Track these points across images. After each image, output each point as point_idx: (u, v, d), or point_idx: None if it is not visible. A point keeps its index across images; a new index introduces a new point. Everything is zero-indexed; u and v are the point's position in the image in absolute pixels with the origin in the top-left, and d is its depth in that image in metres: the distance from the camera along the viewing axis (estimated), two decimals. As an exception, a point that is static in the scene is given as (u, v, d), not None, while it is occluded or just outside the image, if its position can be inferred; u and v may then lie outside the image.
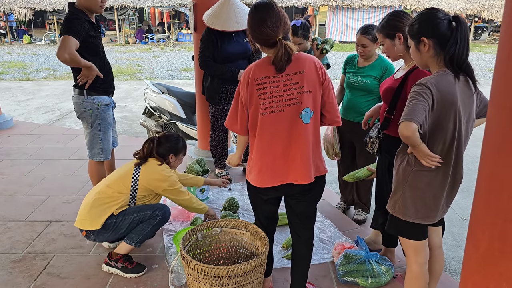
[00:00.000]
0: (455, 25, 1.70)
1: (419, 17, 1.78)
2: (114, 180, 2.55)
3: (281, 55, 1.81)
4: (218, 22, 3.40)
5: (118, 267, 2.53)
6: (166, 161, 2.62)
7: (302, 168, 1.92)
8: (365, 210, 3.35)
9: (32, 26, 22.50)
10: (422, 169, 1.79)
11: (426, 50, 1.74)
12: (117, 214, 2.47)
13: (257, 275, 2.07)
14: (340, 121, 2.01)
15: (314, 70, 1.88)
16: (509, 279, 1.09)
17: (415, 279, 2.00)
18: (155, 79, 10.81)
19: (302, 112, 1.87)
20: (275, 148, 1.92)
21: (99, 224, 2.44)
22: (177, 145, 2.67)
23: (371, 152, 2.38)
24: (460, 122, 1.74)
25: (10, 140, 5.17)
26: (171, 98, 5.07)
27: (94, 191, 2.57)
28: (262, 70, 1.88)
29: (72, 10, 2.85)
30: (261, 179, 1.97)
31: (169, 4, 19.54)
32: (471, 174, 2.27)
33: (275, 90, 1.86)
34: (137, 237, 2.51)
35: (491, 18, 19.24)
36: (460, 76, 1.72)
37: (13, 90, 9.67)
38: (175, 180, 2.60)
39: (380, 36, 2.22)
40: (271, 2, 1.87)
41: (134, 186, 2.52)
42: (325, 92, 1.92)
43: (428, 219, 1.86)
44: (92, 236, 2.52)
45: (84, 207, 2.50)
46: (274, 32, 1.82)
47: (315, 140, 1.96)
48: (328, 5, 19.08)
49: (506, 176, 1.07)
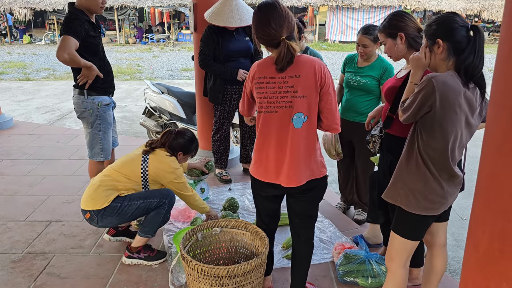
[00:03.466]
0: (473, 34, 1.69)
1: (438, 19, 1.77)
2: (120, 164, 2.59)
3: (283, 55, 1.81)
4: (221, 19, 3.40)
5: (142, 257, 2.61)
6: (175, 155, 2.66)
7: (289, 172, 1.93)
8: (365, 210, 3.35)
9: (32, 26, 22.49)
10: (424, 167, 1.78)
11: (440, 52, 1.73)
12: (123, 197, 2.49)
13: (257, 275, 2.07)
14: (338, 128, 1.98)
15: (312, 75, 1.85)
16: (509, 279, 1.09)
17: (398, 286, 1.95)
18: (155, 79, 10.82)
19: (294, 116, 1.87)
20: (267, 147, 1.96)
21: (104, 203, 2.44)
22: (190, 145, 2.72)
23: (373, 151, 2.38)
24: (461, 125, 1.72)
25: (10, 140, 5.17)
26: (171, 98, 5.07)
27: (100, 174, 2.60)
28: (262, 70, 1.90)
29: (72, 10, 2.85)
30: (257, 171, 2.02)
31: (169, 4, 19.53)
32: (471, 174, 2.27)
33: (270, 91, 1.88)
34: (151, 229, 2.59)
35: (491, 18, 19.24)
36: (470, 86, 1.70)
37: (13, 90, 9.67)
38: (182, 174, 2.63)
39: (382, 35, 2.22)
40: (275, 2, 1.87)
41: (145, 177, 2.54)
42: (323, 98, 1.90)
43: (430, 210, 1.82)
44: (95, 219, 2.49)
45: (89, 188, 2.53)
46: (278, 32, 1.82)
47: (308, 144, 1.94)
48: (328, 5, 19.08)
49: (506, 176, 1.07)
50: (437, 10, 18.67)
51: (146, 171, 2.54)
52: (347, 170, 3.35)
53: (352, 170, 3.31)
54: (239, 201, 3.39)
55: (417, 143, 1.79)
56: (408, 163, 1.82)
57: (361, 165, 3.19)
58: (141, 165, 2.54)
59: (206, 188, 3.44)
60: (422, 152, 1.77)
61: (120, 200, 2.48)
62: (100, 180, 2.51)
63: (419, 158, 1.78)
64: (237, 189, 3.72)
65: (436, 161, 1.76)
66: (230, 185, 3.78)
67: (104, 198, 2.45)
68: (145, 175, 2.55)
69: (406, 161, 1.84)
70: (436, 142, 1.73)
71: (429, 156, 1.76)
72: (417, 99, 1.71)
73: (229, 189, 3.69)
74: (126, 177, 2.53)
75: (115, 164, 2.62)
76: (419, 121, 1.78)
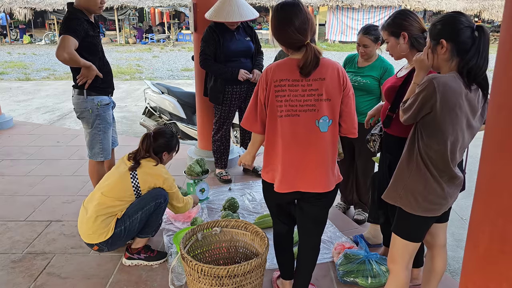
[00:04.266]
0: (478, 35, 1.66)
1: (443, 18, 1.74)
2: (110, 188, 2.49)
3: (311, 60, 1.75)
4: (221, 15, 3.41)
5: (142, 258, 2.60)
6: (159, 159, 2.59)
7: (315, 176, 1.88)
8: (365, 210, 3.35)
9: (32, 26, 22.48)
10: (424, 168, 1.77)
11: (443, 52, 1.71)
12: (122, 218, 2.45)
13: (257, 275, 2.07)
14: (356, 133, 1.94)
15: (336, 78, 1.81)
16: (509, 279, 1.09)
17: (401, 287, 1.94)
18: (155, 79, 10.81)
19: (320, 120, 1.83)
20: (288, 153, 1.87)
21: (108, 233, 2.43)
22: (172, 142, 2.64)
23: (372, 150, 2.38)
24: (462, 127, 1.71)
25: (10, 140, 5.17)
26: (171, 98, 5.08)
27: (90, 203, 2.50)
28: (283, 72, 1.82)
29: (71, 10, 2.85)
30: (279, 184, 1.92)
31: (169, 4, 19.53)
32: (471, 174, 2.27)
33: (293, 94, 1.81)
34: (151, 230, 2.60)
35: (491, 18, 19.24)
36: (472, 87, 1.68)
37: (13, 90, 9.67)
38: (173, 183, 2.60)
39: (385, 33, 2.19)
40: (298, 2, 1.79)
41: (138, 192, 2.51)
42: (344, 101, 1.85)
43: (431, 212, 1.82)
44: (105, 248, 2.51)
45: (87, 221, 2.45)
46: (302, 35, 1.76)
47: (333, 149, 1.91)
48: (328, 5, 19.07)
49: (506, 176, 1.07)
50: (437, 10, 18.67)
51: (139, 187, 2.49)
52: (347, 170, 3.34)
53: (352, 170, 3.31)
54: (239, 201, 3.39)
55: (417, 144, 1.78)
56: (409, 164, 1.81)
57: (361, 165, 3.19)
58: (132, 184, 2.48)
59: (206, 188, 3.44)
60: (422, 153, 1.76)
61: (121, 222, 2.45)
62: (95, 210, 2.43)
63: (419, 159, 1.77)
64: (237, 189, 3.71)
65: (436, 163, 1.75)
66: (230, 185, 3.78)
67: (105, 228, 2.43)
68: (138, 191, 2.50)
69: (406, 162, 1.83)
70: (437, 144, 1.72)
71: (430, 158, 1.75)
72: (417, 100, 1.70)
73: (229, 189, 3.69)
74: (120, 200, 2.46)
75: (103, 187, 2.51)
76: (420, 122, 1.77)
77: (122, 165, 2.55)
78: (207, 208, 3.36)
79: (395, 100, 2.14)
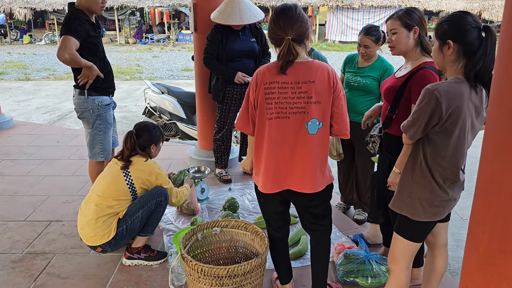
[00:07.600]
0: (485, 36, 1.64)
1: (449, 18, 1.71)
2: (105, 190, 2.49)
3: (283, 54, 1.78)
4: (222, 17, 3.45)
5: (142, 258, 2.60)
6: (148, 154, 2.59)
7: (303, 177, 1.90)
8: (365, 210, 3.35)
9: (32, 26, 22.48)
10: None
11: (450, 53, 1.68)
12: (123, 218, 2.48)
13: (257, 275, 2.08)
14: (348, 134, 1.95)
15: (326, 81, 1.83)
16: (509, 279, 1.09)
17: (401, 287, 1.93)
18: (155, 79, 10.81)
19: (309, 122, 1.84)
20: (277, 154, 1.90)
21: (111, 233, 2.45)
22: (156, 134, 2.63)
23: (372, 151, 2.38)
24: (466, 131, 1.70)
25: (10, 140, 5.17)
26: (171, 98, 5.08)
27: (87, 206, 2.51)
28: (273, 75, 1.85)
29: (72, 10, 2.85)
30: (264, 185, 1.95)
31: (169, 4, 19.53)
32: (471, 174, 2.27)
33: (282, 96, 1.83)
34: (151, 228, 2.61)
35: (491, 18, 19.24)
36: (477, 88, 1.67)
37: (13, 90, 9.67)
38: (167, 179, 2.62)
39: (396, 23, 2.13)
40: (292, 5, 1.84)
41: (133, 191, 2.52)
42: (335, 102, 1.87)
43: (437, 216, 1.81)
44: (109, 249, 2.53)
45: (88, 223, 2.46)
46: (284, 30, 1.79)
47: (323, 151, 1.92)
48: (328, 5, 19.07)
49: (506, 176, 1.07)
50: (437, 10, 18.67)
51: (133, 185, 2.50)
52: (347, 170, 3.35)
53: (352, 170, 3.31)
54: (239, 201, 3.39)
55: (422, 152, 1.76)
56: (413, 172, 1.79)
57: (361, 165, 3.19)
58: (126, 182, 2.49)
59: (206, 188, 3.44)
60: (428, 160, 1.74)
61: (122, 222, 2.47)
62: (95, 212, 2.44)
63: (424, 167, 1.75)
64: (237, 189, 3.71)
65: (444, 168, 1.73)
66: (230, 185, 3.78)
67: (107, 229, 2.45)
68: (133, 189, 2.52)
69: (410, 170, 1.81)
70: (445, 150, 1.71)
71: (438, 164, 1.73)
72: (421, 114, 1.67)
73: (229, 189, 3.69)
74: (117, 199, 2.47)
75: (98, 189, 2.52)
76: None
77: (114, 165, 2.56)
78: (207, 208, 3.36)
79: (395, 101, 2.14)
